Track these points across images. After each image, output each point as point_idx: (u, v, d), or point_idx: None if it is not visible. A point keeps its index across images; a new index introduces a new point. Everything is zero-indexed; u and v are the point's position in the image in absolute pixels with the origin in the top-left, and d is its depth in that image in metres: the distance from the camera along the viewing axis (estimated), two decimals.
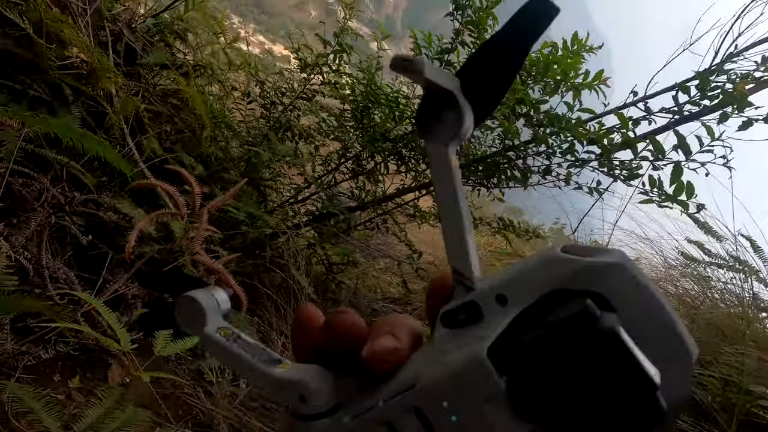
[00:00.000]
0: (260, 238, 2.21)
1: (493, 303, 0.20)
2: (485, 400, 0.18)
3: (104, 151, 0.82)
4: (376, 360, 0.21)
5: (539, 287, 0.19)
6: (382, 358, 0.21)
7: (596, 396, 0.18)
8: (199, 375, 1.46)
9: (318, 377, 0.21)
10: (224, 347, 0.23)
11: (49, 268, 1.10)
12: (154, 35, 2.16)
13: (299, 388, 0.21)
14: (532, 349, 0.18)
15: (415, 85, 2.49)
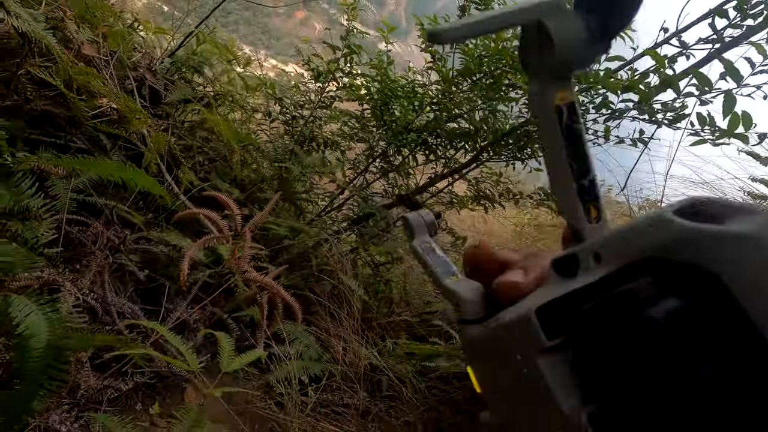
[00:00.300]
0: (304, 249, 2.25)
1: (590, 260, 0.19)
2: (537, 352, 0.19)
3: (152, 186, 0.85)
4: (499, 292, 0.23)
5: (631, 252, 0.18)
6: (503, 292, 0.23)
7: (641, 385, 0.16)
8: (269, 388, 1.49)
9: (471, 291, 0.25)
10: (420, 257, 0.29)
11: (115, 304, 1.16)
12: (173, 74, 2.26)
13: (455, 297, 0.25)
14: (583, 319, 0.18)
15: (431, 72, 2.46)
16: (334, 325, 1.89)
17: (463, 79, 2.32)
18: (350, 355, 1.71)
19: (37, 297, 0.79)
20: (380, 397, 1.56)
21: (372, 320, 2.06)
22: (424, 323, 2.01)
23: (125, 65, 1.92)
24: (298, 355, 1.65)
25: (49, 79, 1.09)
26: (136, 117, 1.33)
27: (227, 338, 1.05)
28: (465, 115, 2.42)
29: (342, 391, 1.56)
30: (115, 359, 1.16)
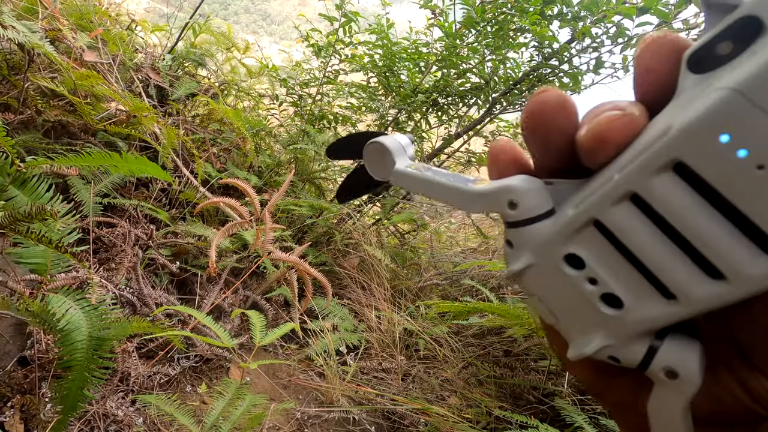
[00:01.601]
0: (328, 226, 2.27)
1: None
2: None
3: (155, 171, 0.87)
4: (596, 137, 0.16)
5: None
6: (607, 132, 0.16)
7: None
8: (310, 361, 1.54)
9: (525, 182, 0.18)
10: (419, 177, 0.21)
11: (152, 296, 1.22)
12: (177, 69, 2.27)
13: (508, 193, 0.18)
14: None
15: (433, 29, 2.36)
16: (366, 296, 1.92)
17: (467, 31, 2.22)
18: (384, 323, 1.74)
19: (74, 293, 0.83)
20: (418, 359, 1.59)
21: (402, 287, 2.08)
22: (454, 284, 2.01)
23: (128, 67, 1.94)
24: (334, 327, 1.70)
25: (56, 88, 1.12)
26: (144, 115, 1.35)
27: (258, 315, 1.08)
28: (474, 69, 2.33)
29: (380, 357, 1.59)
30: (161, 347, 1.22)
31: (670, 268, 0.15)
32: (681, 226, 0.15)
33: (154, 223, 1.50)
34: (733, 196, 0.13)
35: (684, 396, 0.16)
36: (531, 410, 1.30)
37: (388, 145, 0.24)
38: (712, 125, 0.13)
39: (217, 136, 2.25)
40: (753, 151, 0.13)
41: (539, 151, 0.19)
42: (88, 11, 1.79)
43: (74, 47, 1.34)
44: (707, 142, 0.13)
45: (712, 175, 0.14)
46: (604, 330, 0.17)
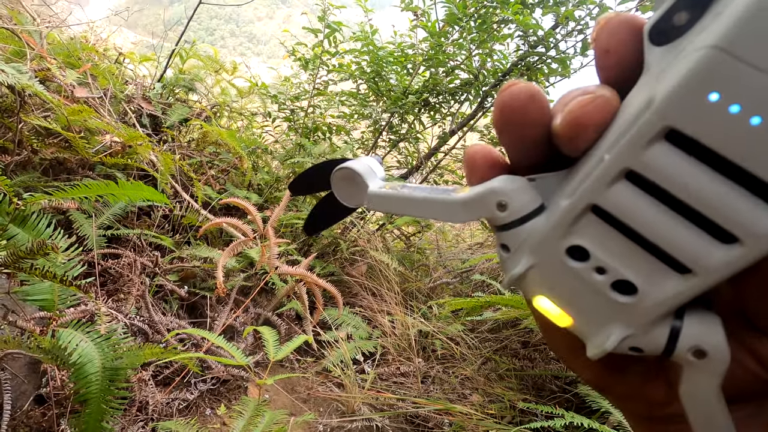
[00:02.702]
0: (333, 237, 2.27)
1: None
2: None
3: (151, 194, 0.87)
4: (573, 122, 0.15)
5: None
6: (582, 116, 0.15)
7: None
8: (327, 373, 1.53)
9: (509, 180, 0.18)
10: (397, 196, 0.20)
11: (163, 323, 1.21)
12: (168, 97, 2.29)
13: (494, 195, 0.17)
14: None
15: (417, 30, 2.38)
16: (377, 302, 1.91)
17: (450, 28, 2.23)
18: (398, 327, 1.72)
19: (84, 326, 0.82)
20: (435, 360, 1.57)
21: (413, 290, 2.06)
22: (464, 282, 2.00)
23: (120, 99, 1.96)
24: (348, 336, 1.68)
25: (49, 125, 1.13)
26: (139, 144, 1.36)
27: (270, 330, 1.07)
28: (461, 65, 2.34)
29: (397, 362, 1.58)
30: (176, 373, 1.21)
31: (679, 240, 0.14)
32: (684, 194, 0.14)
33: (159, 250, 1.50)
34: (733, 153, 0.13)
35: (716, 374, 0.15)
36: (555, 400, 1.28)
37: (356, 169, 0.23)
38: (698, 85, 0.13)
39: (213, 159, 2.26)
40: (745, 104, 0.13)
41: (515, 147, 0.18)
42: (75, 49, 1.81)
43: (64, 84, 1.35)
44: (697, 103, 0.13)
45: (708, 136, 0.13)
46: (621, 320, 0.16)
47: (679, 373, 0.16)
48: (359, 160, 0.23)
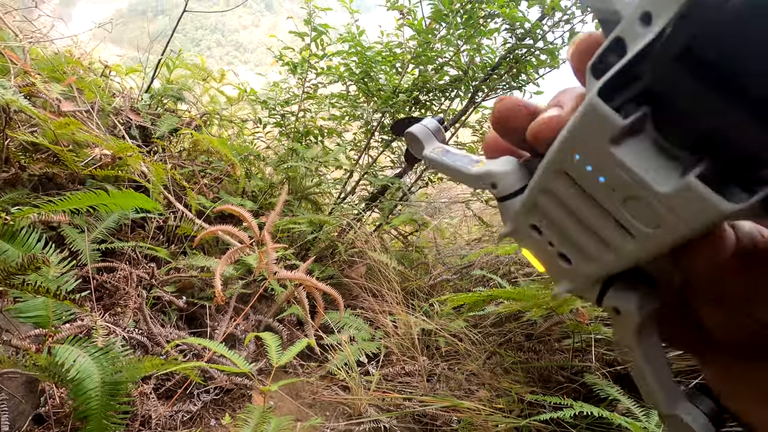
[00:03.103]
0: (330, 240, 2.26)
1: (637, 26, 0.16)
2: (610, 143, 0.17)
3: (142, 202, 0.86)
4: (537, 135, 0.20)
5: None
6: (541, 133, 0.20)
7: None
8: (332, 376, 1.52)
9: (503, 165, 0.23)
10: (438, 162, 0.27)
11: (162, 335, 1.19)
12: (156, 107, 2.27)
13: (489, 177, 0.23)
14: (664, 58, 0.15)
15: (404, 29, 2.37)
16: (378, 303, 1.90)
17: (437, 25, 2.22)
18: (401, 327, 1.71)
19: (80, 341, 0.80)
20: (440, 358, 1.56)
21: (413, 288, 2.05)
22: (464, 278, 1.99)
23: (108, 112, 1.94)
24: (351, 339, 1.67)
25: (36, 140, 1.11)
26: (129, 155, 1.34)
27: (272, 336, 1.06)
28: (450, 61, 2.33)
29: (402, 362, 1.57)
30: (178, 384, 1.19)
31: (604, 228, 0.19)
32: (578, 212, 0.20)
33: (154, 261, 1.48)
34: (595, 195, 0.19)
35: (629, 327, 0.20)
36: (562, 390, 1.28)
37: (417, 133, 0.29)
38: (570, 144, 0.18)
39: (206, 167, 2.24)
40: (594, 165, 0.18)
41: (511, 143, 0.24)
42: (59, 63, 1.79)
43: (49, 99, 1.33)
44: (569, 158, 0.19)
45: (579, 180, 0.19)
46: (566, 278, 0.22)
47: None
48: (421, 125, 0.29)
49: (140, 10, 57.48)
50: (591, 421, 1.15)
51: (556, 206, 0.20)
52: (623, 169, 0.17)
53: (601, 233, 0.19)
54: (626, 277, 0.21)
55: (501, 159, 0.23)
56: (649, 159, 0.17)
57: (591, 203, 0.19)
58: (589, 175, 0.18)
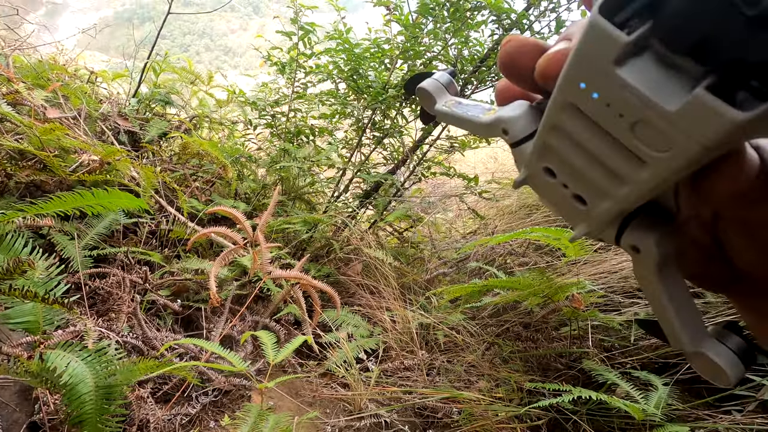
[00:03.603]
0: (325, 238, 2.25)
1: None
2: (614, 64, 0.16)
3: (128, 201, 0.85)
4: (541, 72, 0.20)
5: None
6: (551, 68, 0.19)
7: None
8: (331, 374, 1.51)
9: (514, 110, 0.23)
10: (449, 114, 0.27)
11: (158, 338, 1.18)
12: (145, 112, 2.25)
13: (499, 123, 0.23)
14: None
15: (391, 25, 2.36)
16: (376, 299, 1.89)
17: (424, 19, 2.22)
18: (399, 322, 1.71)
19: (72, 346, 0.80)
20: (439, 351, 1.56)
21: (410, 284, 2.05)
22: (460, 270, 1.99)
23: (95, 118, 1.92)
24: (349, 336, 1.66)
25: (21, 146, 1.09)
26: (117, 159, 1.33)
27: (268, 334, 1.05)
28: (439, 55, 2.33)
29: (401, 357, 1.56)
30: (176, 387, 1.18)
31: (614, 158, 0.18)
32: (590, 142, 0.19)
33: (148, 266, 1.47)
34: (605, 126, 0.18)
35: (649, 264, 0.20)
36: (561, 377, 1.28)
37: (428, 88, 0.28)
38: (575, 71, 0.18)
39: (197, 170, 2.23)
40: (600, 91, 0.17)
41: (521, 86, 0.23)
42: (43, 70, 1.77)
43: (34, 106, 1.31)
44: (575, 88, 0.18)
45: (587, 110, 0.18)
46: (583, 220, 0.21)
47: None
48: (432, 80, 0.29)
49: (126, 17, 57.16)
50: (591, 407, 1.15)
51: (567, 143, 0.20)
52: (629, 90, 0.16)
53: (612, 166, 0.18)
54: (644, 215, 0.20)
55: (512, 104, 0.23)
56: (656, 77, 0.16)
57: (600, 134, 0.18)
58: (595, 102, 0.17)
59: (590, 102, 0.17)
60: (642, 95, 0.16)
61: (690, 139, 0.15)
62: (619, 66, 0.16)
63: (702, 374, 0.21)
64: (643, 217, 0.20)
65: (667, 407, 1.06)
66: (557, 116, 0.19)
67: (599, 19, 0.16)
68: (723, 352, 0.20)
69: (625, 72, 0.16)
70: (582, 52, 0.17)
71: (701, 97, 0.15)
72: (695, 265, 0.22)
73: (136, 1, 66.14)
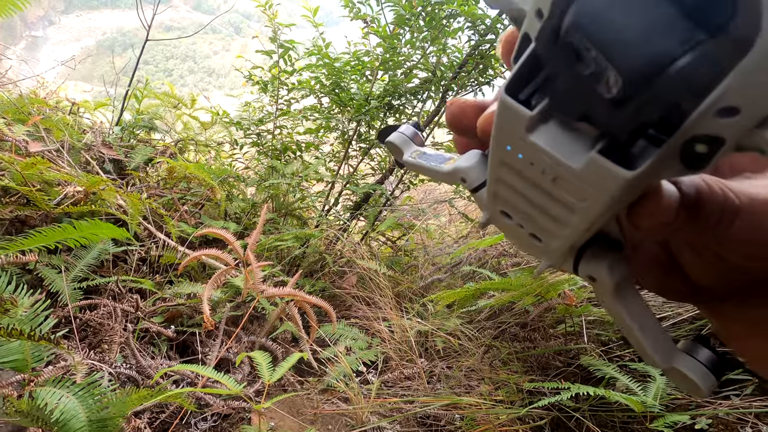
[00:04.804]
0: (318, 253, 2.24)
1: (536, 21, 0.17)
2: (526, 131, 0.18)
3: (112, 231, 0.85)
4: (480, 131, 0.22)
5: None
6: (482, 128, 0.22)
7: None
8: (332, 389, 1.50)
9: (470, 160, 0.25)
10: (416, 164, 0.29)
11: (152, 367, 1.17)
12: (129, 139, 2.25)
13: (458, 173, 0.25)
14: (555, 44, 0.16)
15: (369, 38, 2.40)
16: (372, 310, 1.89)
17: (402, 30, 2.25)
18: (397, 331, 1.70)
19: (63, 382, 0.79)
20: (438, 358, 1.56)
21: (406, 292, 2.05)
22: (454, 275, 1.99)
23: (78, 149, 1.92)
24: (348, 350, 1.65)
25: (3, 183, 1.09)
26: (102, 188, 1.32)
27: (262, 354, 1.04)
28: (419, 64, 2.36)
29: (401, 366, 1.56)
30: (173, 415, 1.17)
31: (549, 205, 0.20)
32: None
33: (139, 293, 1.46)
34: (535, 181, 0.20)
35: (606, 291, 0.22)
36: (561, 375, 1.28)
37: (394, 141, 0.31)
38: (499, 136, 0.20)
39: (185, 194, 2.22)
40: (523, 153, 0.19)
41: (470, 140, 0.26)
42: (23, 104, 1.76)
43: (14, 141, 1.31)
44: (503, 150, 0.20)
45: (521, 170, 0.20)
46: (542, 255, 0.23)
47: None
48: (399, 133, 0.31)
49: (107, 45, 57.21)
50: (592, 403, 1.15)
51: (512, 193, 0.21)
52: (542, 152, 0.18)
53: (551, 211, 0.20)
54: (596, 246, 0.22)
55: (467, 154, 0.25)
56: (561, 140, 0.18)
57: (534, 186, 0.20)
58: (522, 161, 0.19)
59: (518, 161, 0.20)
60: (553, 156, 0.18)
61: (598, 191, 0.18)
62: (530, 132, 0.18)
63: (679, 388, 0.22)
64: (595, 248, 0.22)
65: (667, 397, 1.06)
66: (497, 171, 0.21)
67: (506, 98, 0.18)
68: (693, 366, 0.21)
69: (535, 137, 0.18)
70: (499, 123, 0.19)
71: (596, 159, 0.17)
72: (658, 279, 0.24)
73: (118, 29, 66.31)
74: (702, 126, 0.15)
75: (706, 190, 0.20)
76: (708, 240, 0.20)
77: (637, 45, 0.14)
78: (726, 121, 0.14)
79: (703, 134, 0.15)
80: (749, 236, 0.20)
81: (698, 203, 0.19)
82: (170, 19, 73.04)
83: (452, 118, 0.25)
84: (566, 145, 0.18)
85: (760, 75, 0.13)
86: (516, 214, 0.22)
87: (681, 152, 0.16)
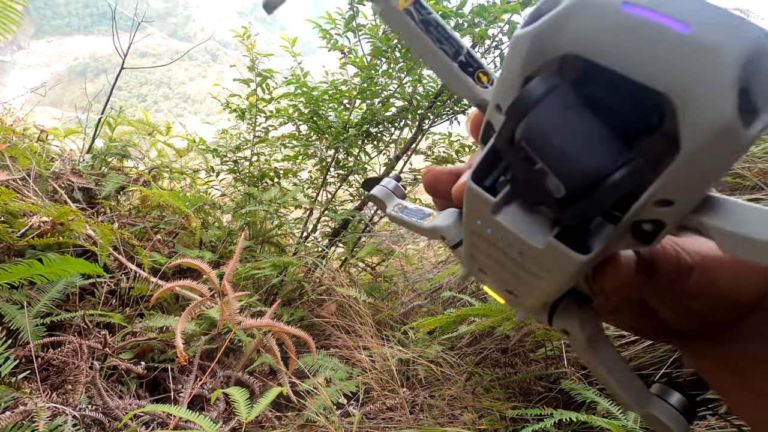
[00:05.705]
0: (296, 281, 2.20)
1: (496, 114, 0.19)
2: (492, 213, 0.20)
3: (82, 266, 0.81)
4: (454, 198, 0.24)
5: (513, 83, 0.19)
6: (456, 196, 0.23)
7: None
8: (312, 424, 1.45)
9: (448, 218, 0.26)
10: (398, 218, 0.30)
11: (120, 408, 1.10)
12: (100, 167, 2.19)
13: (437, 231, 0.26)
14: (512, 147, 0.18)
15: (347, 68, 2.45)
16: (352, 339, 1.85)
17: (378, 60, 2.32)
18: (378, 360, 1.67)
19: (21, 429, 0.73)
20: (420, 386, 1.53)
21: (386, 319, 2.03)
22: (434, 301, 1.99)
23: (46, 177, 1.85)
24: (327, 381, 1.61)
25: None
26: (70, 219, 1.27)
27: (239, 390, 1.00)
28: (395, 93, 2.42)
29: (382, 397, 1.52)
30: None
31: (518, 270, 0.22)
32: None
33: (108, 328, 1.39)
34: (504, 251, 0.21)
35: (579, 344, 0.23)
36: (543, 400, 1.28)
37: (377, 195, 0.32)
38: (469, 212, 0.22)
39: (158, 222, 2.16)
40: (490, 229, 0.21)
41: (447, 204, 0.27)
42: None
43: None
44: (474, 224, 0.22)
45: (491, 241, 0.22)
46: (520, 306, 0.25)
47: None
48: (380, 186, 0.33)
49: (79, 71, 56.25)
50: (575, 428, 1.15)
51: (486, 257, 0.23)
52: (506, 231, 0.20)
53: (520, 276, 0.22)
54: (567, 300, 0.23)
55: (445, 212, 0.27)
56: (524, 220, 0.20)
57: (504, 254, 0.21)
58: (491, 236, 0.21)
59: (487, 234, 0.21)
60: (516, 236, 0.20)
61: (558, 268, 0.19)
62: (495, 214, 0.20)
63: (656, 430, 0.24)
64: (567, 303, 0.23)
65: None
66: (470, 238, 0.23)
67: (472, 185, 0.20)
68: (666, 410, 0.23)
69: (500, 217, 0.20)
70: (468, 203, 0.21)
71: (553, 244, 0.19)
72: (631, 320, 0.26)
73: (90, 55, 65.42)
74: (645, 213, 0.17)
75: (660, 251, 0.21)
76: (666, 295, 0.22)
77: (578, 161, 0.16)
78: (664, 210, 0.17)
79: (647, 219, 0.17)
80: (705, 290, 0.21)
81: (654, 264, 0.21)
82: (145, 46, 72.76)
83: (429, 186, 0.27)
84: (528, 225, 0.20)
85: (685, 176, 0.16)
86: (491, 273, 0.24)
87: (632, 230, 0.18)
